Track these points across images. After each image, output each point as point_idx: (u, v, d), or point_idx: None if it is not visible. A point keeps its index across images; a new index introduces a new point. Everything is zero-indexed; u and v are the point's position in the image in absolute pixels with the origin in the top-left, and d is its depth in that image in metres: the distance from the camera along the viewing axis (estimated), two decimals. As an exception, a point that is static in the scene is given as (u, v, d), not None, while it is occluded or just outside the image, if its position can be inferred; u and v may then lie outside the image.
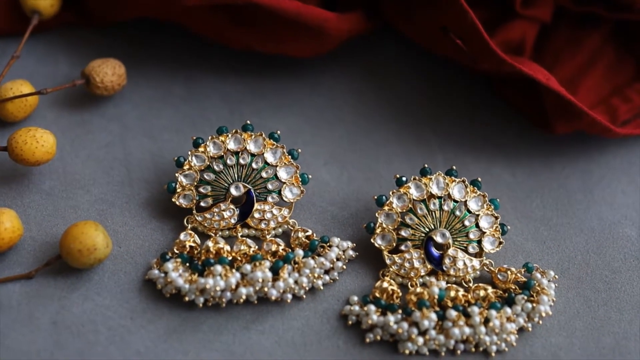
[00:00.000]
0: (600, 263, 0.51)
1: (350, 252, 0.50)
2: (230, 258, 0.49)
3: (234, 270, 0.48)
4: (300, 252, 0.49)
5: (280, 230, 0.51)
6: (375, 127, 0.56)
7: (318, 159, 0.54)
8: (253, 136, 0.51)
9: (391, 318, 0.47)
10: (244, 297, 0.48)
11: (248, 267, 0.48)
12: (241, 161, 0.51)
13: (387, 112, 0.57)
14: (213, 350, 0.47)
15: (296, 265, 0.49)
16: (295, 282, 0.49)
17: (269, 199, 0.51)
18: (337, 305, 0.49)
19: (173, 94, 0.57)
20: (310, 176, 0.52)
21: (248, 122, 0.52)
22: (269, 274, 0.48)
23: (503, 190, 0.54)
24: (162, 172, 0.53)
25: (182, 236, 0.50)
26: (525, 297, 0.48)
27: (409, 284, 0.49)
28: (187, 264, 0.49)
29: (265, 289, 0.48)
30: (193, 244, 0.50)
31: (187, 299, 0.48)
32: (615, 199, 0.54)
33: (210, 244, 0.49)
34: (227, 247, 0.49)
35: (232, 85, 0.57)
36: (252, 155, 0.51)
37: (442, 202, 0.50)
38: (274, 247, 0.50)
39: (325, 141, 0.55)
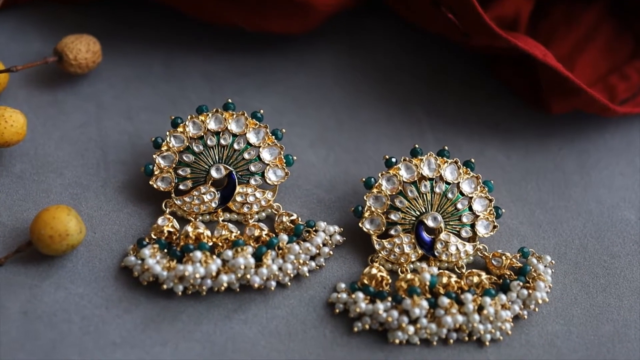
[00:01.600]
0: (599, 247, 0.51)
1: (337, 237, 0.49)
2: (210, 244, 0.48)
3: (214, 257, 0.47)
4: (284, 237, 0.48)
5: (263, 214, 0.50)
6: (363, 107, 0.55)
7: (303, 140, 0.53)
8: (235, 115, 0.50)
9: (380, 306, 0.47)
10: (225, 284, 0.47)
11: (229, 253, 0.47)
12: (222, 142, 0.50)
13: (377, 91, 0.56)
14: (193, 340, 0.46)
15: (280, 251, 0.48)
16: (280, 268, 0.48)
17: (252, 181, 0.50)
18: (324, 292, 0.48)
19: (152, 72, 0.56)
20: (295, 157, 0.51)
21: (229, 100, 0.51)
22: (252, 261, 0.47)
23: (497, 172, 0.53)
24: (139, 154, 0.52)
25: (159, 221, 0.49)
26: (521, 284, 0.48)
27: (399, 270, 0.49)
28: (165, 250, 0.48)
29: (248, 276, 0.47)
30: (171, 229, 0.49)
31: (165, 287, 0.47)
32: (613, 181, 0.53)
33: (189, 229, 0.48)
34: (208, 232, 0.48)
35: (214, 63, 0.56)
36: (234, 135, 0.50)
37: (434, 184, 0.49)
38: (256, 232, 0.49)
39: (311, 121, 0.54)
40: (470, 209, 0.49)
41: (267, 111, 0.53)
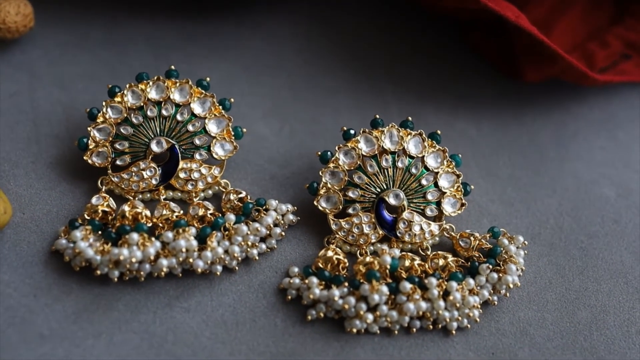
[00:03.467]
0: (575, 227, 0.50)
1: (290, 217, 0.48)
2: (149, 225, 0.46)
3: (153, 239, 0.45)
4: (231, 217, 0.46)
5: (209, 192, 0.48)
6: (322, 75, 0.54)
7: (255, 111, 0.52)
8: (178, 84, 0.49)
9: (336, 292, 0.45)
10: (165, 269, 0.45)
11: (170, 234, 0.45)
12: (164, 112, 0.48)
13: (337, 59, 0.54)
14: (130, 331, 0.44)
15: (227, 233, 0.46)
16: (226, 251, 0.46)
17: (197, 156, 0.48)
18: (275, 278, 0.46)
19: (90, 38, 0.54)
20: (245, 130, 0.49)
21: (172, 67, 0.49)
22: (194, 243, 0.45)
23: (466, 145, 0.52)
24: (74, 126, 0.50)
25: (94, 200, 0.47)
26: (491, 267, 0.47)
27: (358, 252, 0.47)
28: (100, 232, 0.46)
29: (191, 260, 0.45)
30: (107, 209, 0.47)
31: (99, 272, 0.45)
32: (592, 156, 0.53)
33: (126, 208, 0.47)
34: (147, 212, 0.47)
35: (159, 28, 0.55)
36: (177, 105, 0.48)
37: (396, 158, 0.48)
38: (201, 212, 0.47)
39: (265, 91, 0.53)
40: (436, 185, 0.48)
41: (215, 79, 0.52)
